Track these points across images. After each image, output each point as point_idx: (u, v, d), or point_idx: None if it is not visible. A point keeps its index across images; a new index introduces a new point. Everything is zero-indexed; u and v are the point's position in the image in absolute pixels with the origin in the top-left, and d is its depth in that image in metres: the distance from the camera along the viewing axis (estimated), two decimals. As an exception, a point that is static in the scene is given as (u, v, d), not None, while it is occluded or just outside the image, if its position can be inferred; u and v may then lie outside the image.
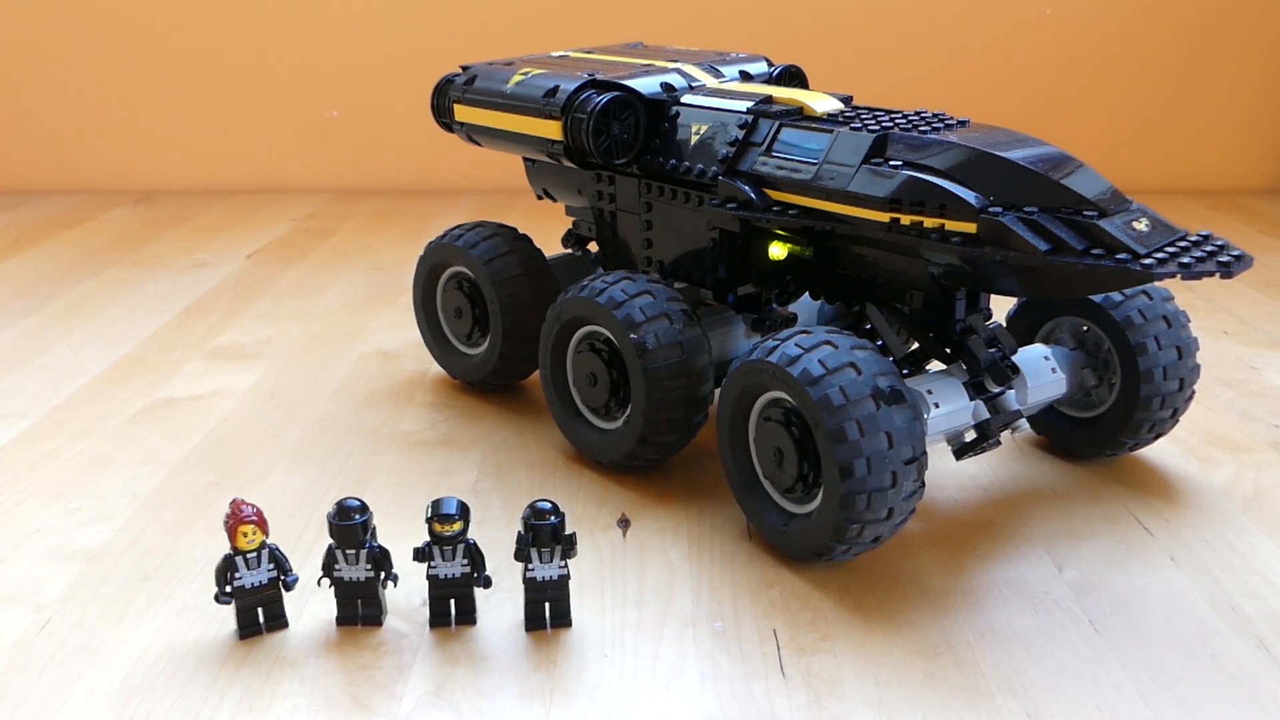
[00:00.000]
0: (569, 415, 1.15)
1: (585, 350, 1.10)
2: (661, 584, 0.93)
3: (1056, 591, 0.91)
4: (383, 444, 1.21)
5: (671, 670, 0.82)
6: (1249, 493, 1.07)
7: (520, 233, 1.30)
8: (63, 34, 2.40)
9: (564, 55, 1.31)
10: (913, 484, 0.88)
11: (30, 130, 2.47)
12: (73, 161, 2.48)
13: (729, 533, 1.01)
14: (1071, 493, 1.08)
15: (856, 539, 0.89)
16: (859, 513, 0.86)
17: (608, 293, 1.06)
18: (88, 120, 2.46)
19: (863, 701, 0.78)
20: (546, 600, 0.86)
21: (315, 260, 1.96)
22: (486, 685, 0.80)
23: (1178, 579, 0.93)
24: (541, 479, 1.12)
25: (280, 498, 1.09)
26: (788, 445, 0.92)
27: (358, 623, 0.88)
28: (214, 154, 2.48)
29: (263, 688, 0.80)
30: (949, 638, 0.85)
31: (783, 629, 0.86)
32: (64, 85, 2.44)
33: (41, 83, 2.44)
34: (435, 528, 0.86)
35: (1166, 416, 1.07)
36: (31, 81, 2.44)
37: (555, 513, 0.85)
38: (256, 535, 0.85)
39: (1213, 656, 0.82)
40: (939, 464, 1.11)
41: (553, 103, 1.11)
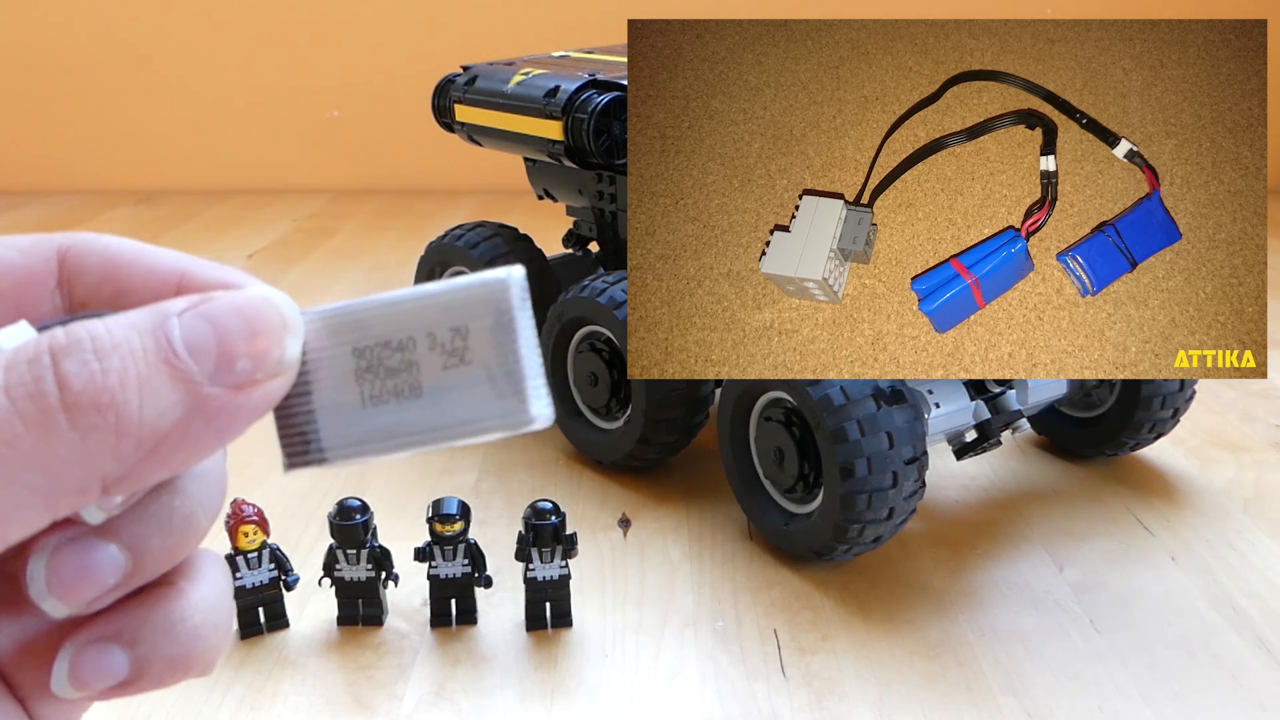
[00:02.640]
0: (569, 415, 1.15)
1: (585, 350, 1.10)
2: (662, 584, 0.93)
3: (1057, 591, 0.91)
4: (383, 444, 1.21)
5: (672, 670, 0.82)
6: (1250, 492, 1.07)
7: (521, 233, 1.30)
8: (63, 34, 2.40)
9: (564, 55, 1.31)
10: (913, 484, 0.88)
11: (30, 130, 2.47)
12: (73, 161, 2.48)
13: (729, 533, 1.01)
14: (1072, 493, 1.08)
15: (857, 539, 0.89)
16: (860, 512, 0.86)
17: (608, 293, 1.06)
18: (88, 120, 2.46)
19: (863, 701, 0.78)
20: (547, 600, 0.86)
21: (316, 260, 1.96)
22: (487, 684, 0.81)
23: (1178, 579, 0.93)
24: (542, 479, 1.12)
25: (281, 498, 1.09)
26: (788, 445, 0.92)
27: (359, 622, 0.88)
28: (214, 154, 2.48)
29: (264, 687, 0.81)
30: (949, 638, 0.85)
31: (783, 629, 0.86)
32: (64, 85, 2.44)
33: (42, 83, 2.44)
34: (436, 528, 0.86)
35: (1167, 416, 1.07)
36: (32, 82, 2.44)
37: (556, 513, 0.85)
38: (257, 535, 0.85)
39: (1213, 656, 0.82)
40: (939, 464, 1.11)
41: (554, 103, 1.11)
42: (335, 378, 0.28)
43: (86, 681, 0.27)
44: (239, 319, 0.26)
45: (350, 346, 0.28)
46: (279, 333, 0.26)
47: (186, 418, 0.25)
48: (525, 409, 0.27)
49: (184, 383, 0.25)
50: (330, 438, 0.28)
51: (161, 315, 0.25)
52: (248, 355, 0.25)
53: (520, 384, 0.27)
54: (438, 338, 0.27)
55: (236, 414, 0.25)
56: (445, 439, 0.28)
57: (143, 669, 0.28)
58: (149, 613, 0.28)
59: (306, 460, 0.28)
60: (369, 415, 0.28)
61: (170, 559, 0.28)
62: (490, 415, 0.27)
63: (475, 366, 0.27)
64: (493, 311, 0.27)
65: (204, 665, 0.29)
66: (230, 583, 0.31)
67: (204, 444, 0.25)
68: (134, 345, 0.24)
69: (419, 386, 0.27)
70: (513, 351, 0.27)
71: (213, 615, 0.29)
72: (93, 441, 0.23)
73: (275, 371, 0.26)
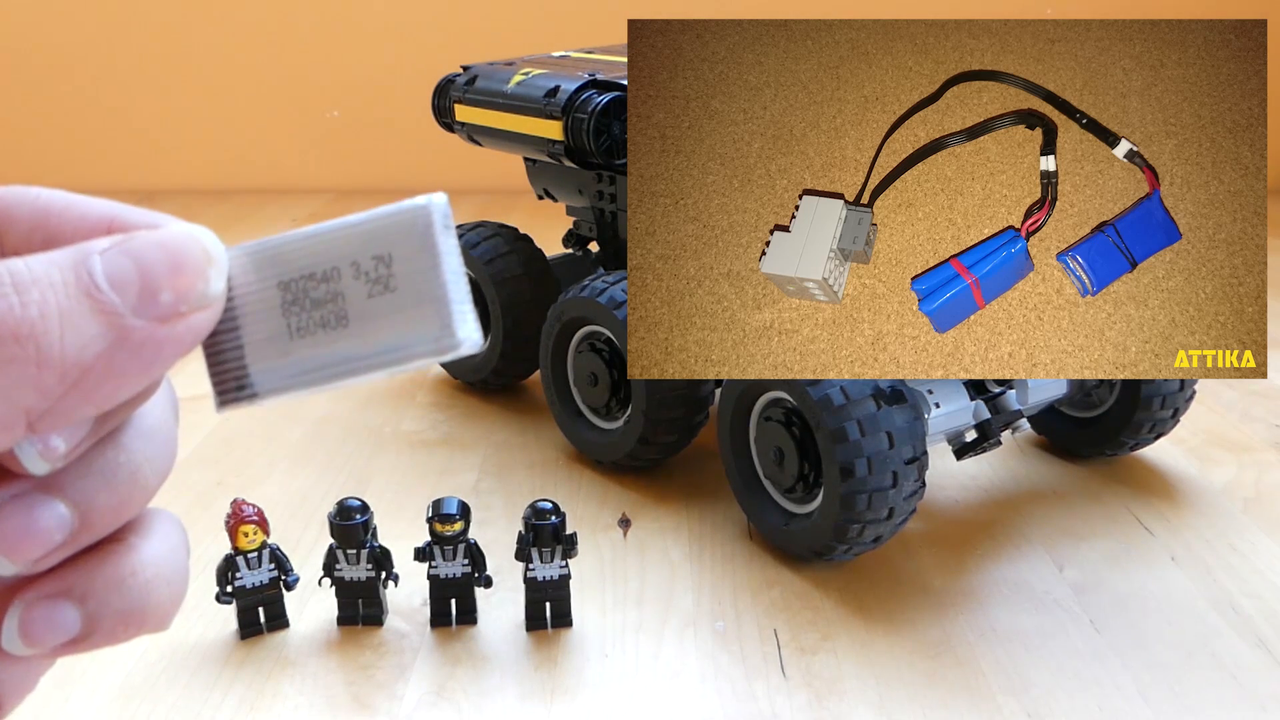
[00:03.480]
0: (569, 415, 1.15)
1: (585, 350, 1.10)
2: (662, 584, 0.93)
3: (1057, 591, 0.91)
4: (384, 444, 1.21)
5: (672, 670, 0.82)
6: (1250, 493, 1.07)
7: (521, 233, 1.30)
8: (63, 35, 2.40)
9: (564, 55, 1.31)
10: (913, 484, 0.88)
11: (30, 130, 2.47)
12: (73, 161, 2.48)
13: (729, 533, 1.01)
14: (1072, 493, 1.08)
15: (857, 539, 0.89)
16: (860, 512, 0.86)
17: (608, 293, 1.06)
18: (88, 120, 2.46)
19: (863, 701, 0.78)
20: (547, 600, 0.86)
21: (316, 260, 1.96)
22: (487, 684, 0.81)
23: (1178, 579, 0.93)
24: (542, 479, 1.12)
25: (281, 498, 1.09)
26: (788, 445, 0.92)
27: (359, 622, 0.88)
28: (214, 154, 2.48)
29: (264, 687, 0.81)
30: (949, 638, 0.85)
31: (783, 629, 0.86)
32: (64, 85, 2.44)
33: (42, 83, 2.44)
34: (436, 527, 0.86)
35: (1167, 416, 1.07)
36: (31, 81, 2.44)
37: (556, 513, 0.85)
38: (257, 535, 0.85)
39: (1213, 656, 0.82)
40: (939, 464, 1.11)
41: (553, 103, 1.11)
42: (262, 312, 0.28)
43: (38, 637, 0.27)
44: (161, 252, 0.26)
45: (276, 280, 0.28)
46: (202, 265, 0.27)
47: (110, 350, 0.25)
48: (452, 333, 0.27)
49: (106, 315, 0.25)
50: (260, 374, 0.28)
51: (83, 252, 0.25)
52: (171, 288, 0.26)
53: (445, 308, 0.27)
54: (362, 266, 0.27)
55: (161, 346, 0.26)
56: (374, 368, 0.28)
57: (94, 624, 0.28)
58: (99, 567, 0.28)
59: (238, 398, 0.28)
60: (297, 348, 0.28)
61: (118, 516, 0.28)
62: (417, 341, 0.27)
63: (400, 293, 0.27)
64: (415, 236, 0.27)
65: (157, 621, 0.29)
66: (184, 539, 0.31)
67: (129, 377, 0.25)
68: (54, 279, 0.25)
69: (345, 316, 0.27)
70: (436, 276, 0.27)
71: (164, 570, 0.29)
72: (13, 373, 0.24)
73: (199, 304, 0.26)
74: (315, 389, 0.28)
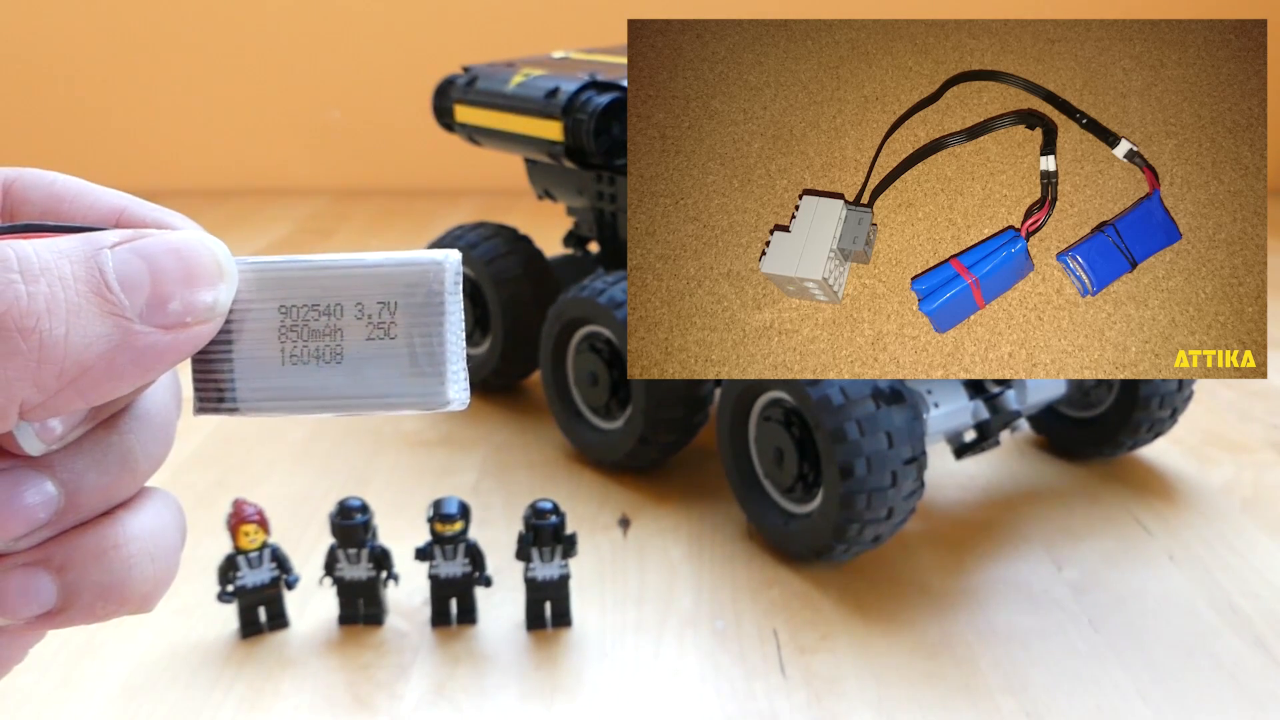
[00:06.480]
0: (569, 415, 1.15)
1: (585, 350, 1.10)
2: (662, 584, 0.93)
3: (1056, 591, 0.91)
4: (384, 444, 1.21)
5: (672, 669, 0.82)
6: (1248, 492, 1.08)
7: (521, 233, 1.30)
8: (63, 35, 2.40)
9: (564, 56, 1.31)
10: (913, 484, 0.88)
11: (31, 130, 2.47)
12: (73, 161, 2.48)
13: (729, 532, 1.01)
14: (1071, 493, 1.08)
15: (857, 538, 0.89)
16: (859, 512, 0.86)
17: (608, 293, 1.06)
18: (88, 121, 2.46)
19: (863, 701, 0.78)
20: (547, 600, 0.87)
21: (316, 260, 1.96)
22: (488, 684, 0.81)
23: (1177, 579, 0.93)
24: (542, 479, 1.12)
25: (282, 497, 1.09)
26: (788, 445, 0.92)
27: (359, 622, 0.88)
28: (214, 154, 2.48)
29: (265, 686, 0.81)
30: (949, 637, 0.85)
31: (783, 628, 0.86)
32: (64, 85, 2.44)
33: (42, 83, 2.44)
34: (436, 527, 0.86)
35: (1166, 416, 1.07)
36: (33, 82, 2.44)
37: (556, 512, 0.85)
38: (258, 535, 0.85)
39: (1212, 656, 0.83)
40: (939, 464, 1.11)
41: (554, 103, 1.11)
42: (259, 331, 0.28)
43: (13, 607, 0.26)
44: (175, 259, 0.26)
45: (278, 303, 0.28)
46: (214, 278, 0.26)
47: (113, 351, 0.24)
48: (443, 391, 0.27)
49: (114, 317, 0.24)
50: (245, 389, 0.28)
51: (94, 245, 0.25)
52: (181, 297, 0.25)
53: (441, 366, 0.27)
54: (366, 308, 0.28)
55: (163, 353, 0.25)
56: (359, 408, 0.28)
57: (72, 597, 0.27)
58: (79, 538, 0.27)
59: (219, 408, 0.29)
60: (286, 373, 0.28)
61: (107, 498, 0.28)
62: (406, 392, 0.28)
63: (399, 342, 0.27)
64: (424, 291, 0.27)
65: (140, 600, 0.28)
66: (179, 520, 0.30)
67: (126, 379, 0.25)
68: (64, 272, 0.24)
69: (340, 353, 0.28)
70: (438, 333, 0.27)
71: (149, 546, 0.28)
72: (12, 366, 0.23)
73: (206, 317, 0.26)
74: (296, 414, 0.28)
